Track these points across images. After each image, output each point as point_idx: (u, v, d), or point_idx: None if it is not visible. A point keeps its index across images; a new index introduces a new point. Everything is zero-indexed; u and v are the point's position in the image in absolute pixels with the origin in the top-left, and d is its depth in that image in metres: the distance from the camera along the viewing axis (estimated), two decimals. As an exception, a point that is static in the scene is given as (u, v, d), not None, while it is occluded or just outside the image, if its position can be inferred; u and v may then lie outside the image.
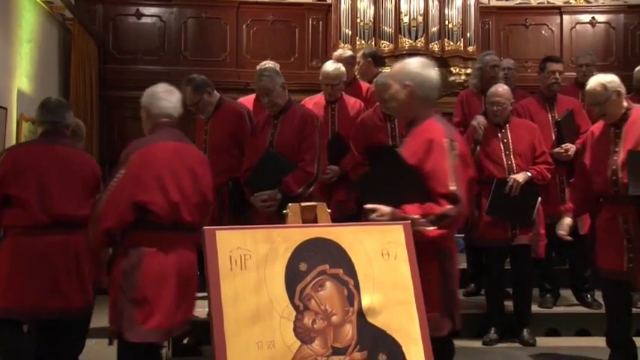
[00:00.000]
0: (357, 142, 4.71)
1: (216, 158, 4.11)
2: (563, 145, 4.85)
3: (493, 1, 9.67)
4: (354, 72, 5.76)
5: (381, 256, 2.31)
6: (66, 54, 8.44)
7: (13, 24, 6.86)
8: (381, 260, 2.30)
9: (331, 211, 2.49)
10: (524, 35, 9.68)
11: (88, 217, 3.11)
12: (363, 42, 8.38)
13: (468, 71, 8.24)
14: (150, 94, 3.22)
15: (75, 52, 8.26)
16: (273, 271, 2.12)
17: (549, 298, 5.03)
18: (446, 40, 8.56)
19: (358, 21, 8.57)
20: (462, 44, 8.60)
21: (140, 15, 9.25)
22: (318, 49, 9.09)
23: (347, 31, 8.60)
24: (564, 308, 5.03)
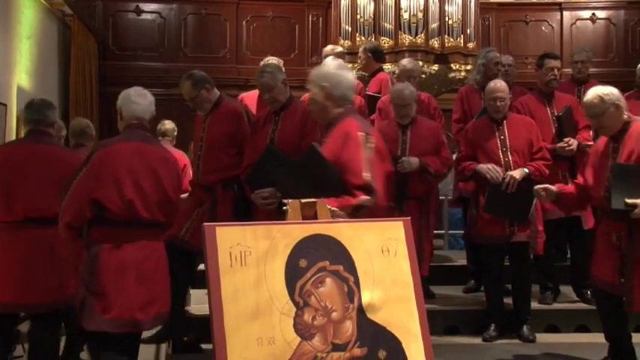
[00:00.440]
0: None
1: (211, 156, 4.08)
2: (566, 139, 4.83)
3: (493, -2, 9.68)
4: None
5: (381, 252, 2.31)
6: (66, 50, 8.44)
7: (12, 20, 6.85)
8: (381, 257, 2.30)
9: None
10: (524, 31, 9.68)
11: None
12: (363, 38, 8.37)
13: (468, 67, 8.24)
14: (123, 97, 3.37)
15: (75, 49, 8.25)
16: (273, 268, 2.12)
17: (549, 295, 5.02)
18: (446, 36, 8.55)
19: (358, 17, 8.56)
20: (462, 41, 8.59)
21: (140, 11, 9.25)
22: (318, 46, 9.07)
23: (347, 27, 8.59)
24: (564, 305, 5.03)
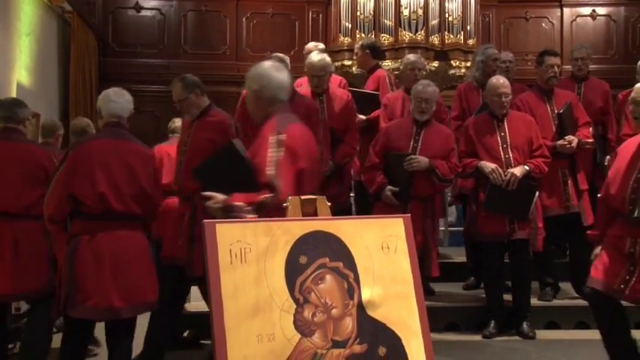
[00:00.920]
0: (376, 146, 4.73)
1: (193, 162, 3.86)
2: (566, 137, 4.82)
3: (493, -6, 9.65)
4: None
5: (381, 249, 2.31)
6: (65, 47, 8.42)
7: (12, 17, 6.84)
8: (381, 253, 2.30)
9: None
10: (524, 28, 9.66)
11: (31, 206, 3.73)
12: (363, 35, 8.33)
13: (468, 64, 8.22)
14: (102, 97, 3.55)
15: (74, 45, 8.24)
16: (273, 264, 2.12)
17: (549, 291, 5.03)
18: (446, 33, 8.52)
19: (358, 14, 8.53)
20: (462, 37, 8.57)
21: (139, 8, 9.23)
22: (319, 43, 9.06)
23: (347, 24, 8.56)
24: (564, 301, 5.03)
